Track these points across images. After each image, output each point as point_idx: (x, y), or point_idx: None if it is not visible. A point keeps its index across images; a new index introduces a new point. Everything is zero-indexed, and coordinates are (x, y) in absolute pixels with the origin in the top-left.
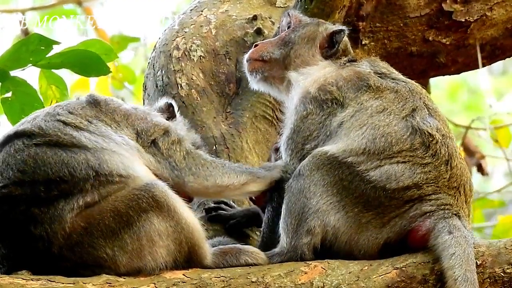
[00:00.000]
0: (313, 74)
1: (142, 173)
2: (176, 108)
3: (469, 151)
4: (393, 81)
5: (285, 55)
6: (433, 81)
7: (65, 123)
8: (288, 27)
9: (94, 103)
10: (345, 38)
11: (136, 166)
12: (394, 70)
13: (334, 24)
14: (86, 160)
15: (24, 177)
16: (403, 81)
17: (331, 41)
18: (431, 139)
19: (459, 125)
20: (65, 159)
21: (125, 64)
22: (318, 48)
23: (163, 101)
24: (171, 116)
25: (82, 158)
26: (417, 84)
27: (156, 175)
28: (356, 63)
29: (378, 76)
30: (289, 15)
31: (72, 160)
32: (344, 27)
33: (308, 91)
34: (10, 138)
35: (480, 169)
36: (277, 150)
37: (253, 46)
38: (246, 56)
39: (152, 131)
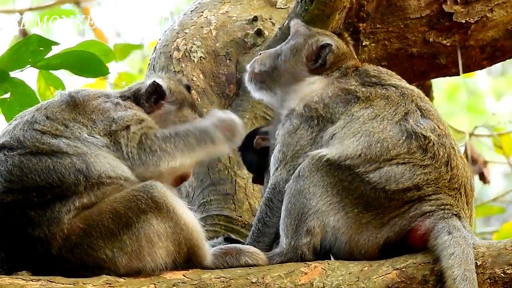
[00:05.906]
0: (299, 92)
1: (129, 172)
2: (164, 86)
3: (472, 158)
4: (383, 87)
5: (274, 67)
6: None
7: (42, 132)
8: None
9: (73, 104)
10: (341, 49)
11: (123, 166)
12: (385, 75)
13: (327, 36)
14: (73, 163)
15: (13, 186)
16: (393, 86)
17: (318, 54)
18: (427, 141)
19: (461, 131)
20: (51, 165)
21: (128, 72)
22: (304, 60)
23: (149, 82)
24: (160, 97)
25: (68, 163)
26: (409, 86)
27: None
28: (343, 80)
29: (368, 86)
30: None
31: (59, 166)
32: (330, 41)
33: (294, 109)
34: None
35: (482, 177)
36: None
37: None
38: (248, 65)
39: (116, 126)
